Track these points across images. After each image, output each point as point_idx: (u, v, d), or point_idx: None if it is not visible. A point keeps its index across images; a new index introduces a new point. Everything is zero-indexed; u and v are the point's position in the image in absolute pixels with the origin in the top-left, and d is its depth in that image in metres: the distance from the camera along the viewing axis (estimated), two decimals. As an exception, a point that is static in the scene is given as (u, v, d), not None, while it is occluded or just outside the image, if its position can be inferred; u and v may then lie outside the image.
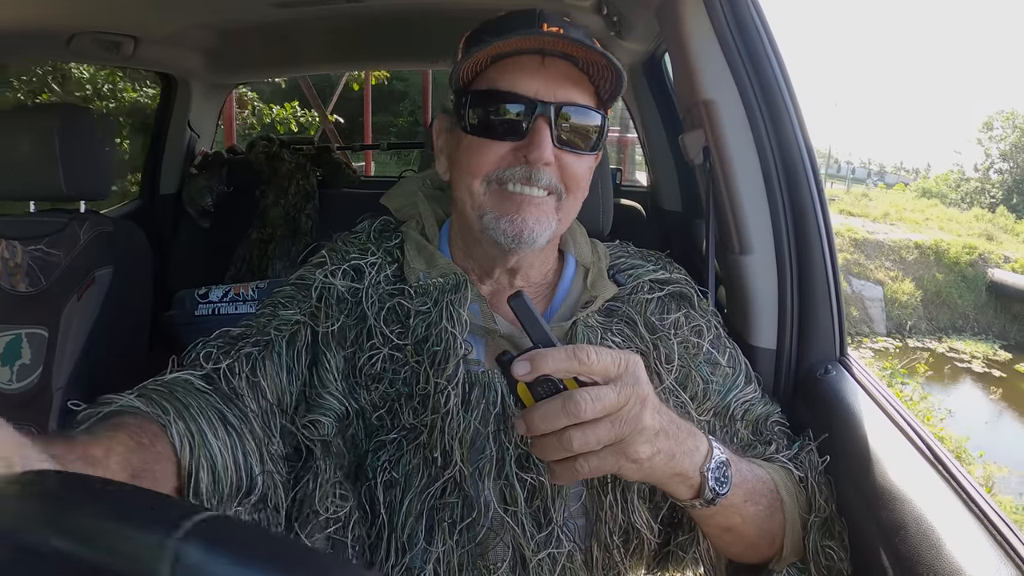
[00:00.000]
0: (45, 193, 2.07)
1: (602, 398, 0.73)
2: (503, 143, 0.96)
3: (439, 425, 0.97)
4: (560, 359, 0.74)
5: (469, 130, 0.98)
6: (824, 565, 0.95)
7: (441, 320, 1.00)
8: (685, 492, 0.86)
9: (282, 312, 1.06)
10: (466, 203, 1.01)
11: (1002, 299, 14.99)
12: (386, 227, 1.17)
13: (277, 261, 2.95)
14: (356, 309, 1.06)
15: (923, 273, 15.33)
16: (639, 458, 0.77)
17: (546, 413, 0.73)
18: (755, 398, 1.12)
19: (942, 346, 13.33)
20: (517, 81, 0.95)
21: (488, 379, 1.00)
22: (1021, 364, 12.17)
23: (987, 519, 0.83)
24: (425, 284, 1.05)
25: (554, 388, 0.75)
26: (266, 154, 3.10)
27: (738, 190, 1.30)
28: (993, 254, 16.28)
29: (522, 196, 0.97)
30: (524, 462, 0.98)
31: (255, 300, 2.40)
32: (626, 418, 0.75)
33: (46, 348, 1.99)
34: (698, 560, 1.06)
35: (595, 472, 0.77)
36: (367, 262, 1.08)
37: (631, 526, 1.03)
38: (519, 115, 0.95)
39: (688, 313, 1.12)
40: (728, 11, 1.25)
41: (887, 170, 52.53)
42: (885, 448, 1.00)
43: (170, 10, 2.18)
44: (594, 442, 0.74)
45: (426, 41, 2.80)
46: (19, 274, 2.02)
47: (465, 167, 0.99)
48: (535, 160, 0.94)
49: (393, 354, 1.02)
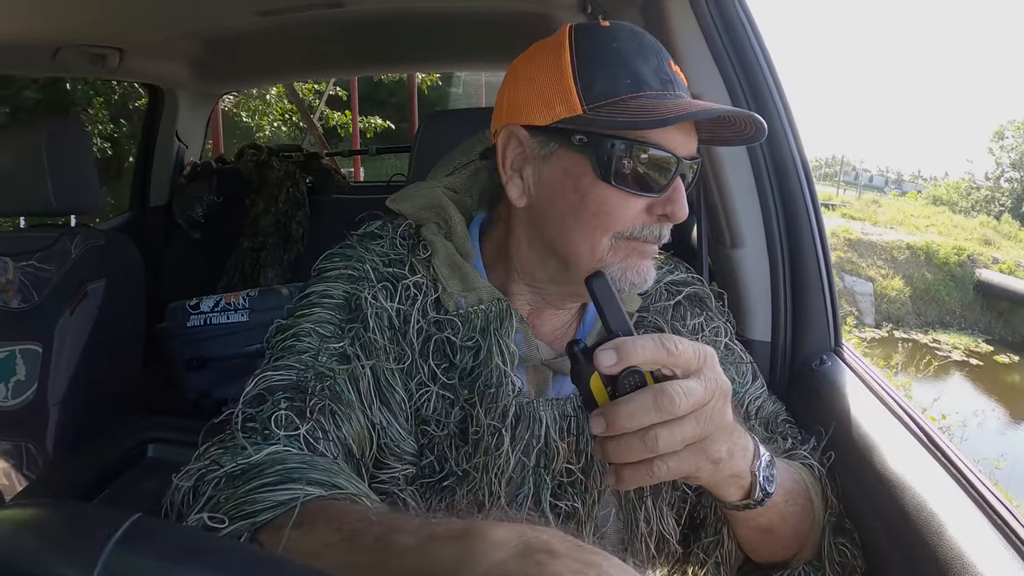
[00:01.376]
0: (34, 208, 2.07)
1: (693, 393, 0.69)
2: (642, 198, 0.87)
3: (490, 466, 0.91)
4: (650, 348, 0.70)
5: (613, 182, 0.85)
6: (838, 562, 0.93)
7: (492, 358, 0.92)
8: (736, 493, 0.82)
9: (330, 345, 0.92)
10: (580, 256, 0.89)
11: (989, 297, 16.15)
12: (409, 232, 1.02)
13: (269, 269, 2.94)
14: (403, 336, 0.94)
15: (913, 272, 16.45)
16: (719, 457, 0.75)
17: (634, 409, 0.69)
18: (764, 395, 1.10)
19: (926, 338, 14.38)
20: (666, 134, 0.86)
21: (533, 410, 0.94)
22: (1000, 356, 13.58)
23: (986, 502, 0.83)
24: (466, 313, 0.95)
25: (639, 382, 0.70)
26: (255, 163, 3.10)
27: (728, 184, 1.30)
28: (983, 255, 17.49)
29: (649, 248, 0.91)
30: (558, 491, 0.94)
31: (246, 309, 2.39)
32: (711, 414, 0.72)
33: (41, 364, 1.98)
34: (719, 564, 1.02)
35: (672, 474, 0.73)
36: (411, 281, 0.96)
37: (661, 535, 1.00)
38: (666, 171, 0.87)
39: (707, 315, 1.09)
40: (713, 7, 1.26)
41: (904, 178, 52.51)
42: (883, 436, 1.01)
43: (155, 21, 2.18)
44: (679, 441, 0.70)
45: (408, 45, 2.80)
46: (11, 290, 2.01)
47: (592, 219, 0.87)
48: (678, 219, 0.88)
49: (442, 393, 0.93)
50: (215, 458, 0.80)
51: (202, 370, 2.36)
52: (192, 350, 2.39)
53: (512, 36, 1.40)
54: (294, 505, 0.70)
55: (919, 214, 22.84)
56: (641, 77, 0.86)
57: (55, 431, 1.97)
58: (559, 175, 0.89)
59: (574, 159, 0.88)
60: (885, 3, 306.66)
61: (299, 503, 0.70)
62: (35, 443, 1.96)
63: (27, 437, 1.96)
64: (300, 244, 2.98)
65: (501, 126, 0.93)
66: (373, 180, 4.54)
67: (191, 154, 3.21)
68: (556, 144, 0.89)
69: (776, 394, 1.16)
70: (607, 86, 0.85)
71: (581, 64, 0.87)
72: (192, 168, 3.15)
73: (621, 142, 0.84)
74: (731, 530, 0.97)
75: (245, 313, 2.39)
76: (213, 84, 3.18)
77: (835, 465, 1.02)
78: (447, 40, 2.78)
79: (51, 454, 1.96)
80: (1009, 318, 15.67)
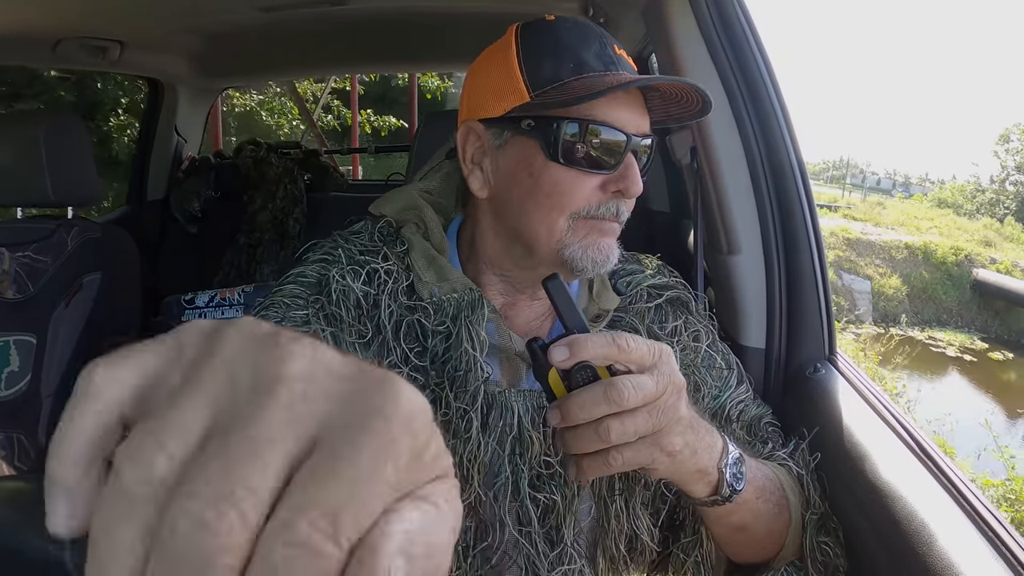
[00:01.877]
0: (32, 200, 2.06)
1: (643, 386, 0.72)
2: (594, 176, 0.90)
3: (459, 450, 0.93)
4: (600, 344, 0.73)
5: (562, 160, 0.89)
6: (820, 561, 0.94)
7: (462, 342, 0.94)
8: (703, 490, 0.85)
9: (294, 313, 0.95)
10: (539, 238, 0.93)
11: (986, 297, 16.24)
12: (387, 230, 1.06)
13: (265, 265, 2.95)
14: (372, 319, 0.97)
15: (911, 271, 16.42)
16: (673, 450, 0.76)
17: (585, 401, 0.72)
18: (748, 399, 1.11)
19: (922, 335, 14.53)
20: (612, 112, 0.89)
21: (505, 399, 0.96)
22: (994, 353, 13.75)
23: (977, 514, 0.83)
24: (439, 300, 0.98)
25: (591, 376, 0.73)
26: (253, 159, 3.10)
27: (726, 190, 1.30)
28: (981, 256, 17.44)
29: (608, 226, 0.93)
30: (537, 482, 0.96)
31: (241, 304, 2.40)
32: (663, 408, 0.74)
33: (35, 355, 1.98)
34: (699, 563, 1.03)
35: (627, 465, 0.76)
36: (382, 267, 0.99)
37: (634, 534, 1.01)
38: (616, 148, 0.90)
39: (687, 319, 1.10)
40: (714, 11, 1.26)
41: (912, 181, 52.70)
42: (875, 445, 1.01)
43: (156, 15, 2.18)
44: (631, 432, 0.73)
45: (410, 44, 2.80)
46: (6, 281, 2.00)
47: (546, 200, 0.91)
48: (633, 194, 0.91)
49: (413, 375, 0.96)
50: None
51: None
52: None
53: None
54: None
55: (923, 216, 23.10)
56: (583, 60, 0.90)
57: (48, 423, 1.96)
58: (514, 162, 0.93)
59: (525, 144, 0.92)
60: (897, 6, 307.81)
61: None
62: (27, 435, 1.96)
63: (19, 428, 1.96)
64: (297, 241, 2.97)
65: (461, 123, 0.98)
66: (369, 179, 4.55)
67: (190, 149, 3.21)
68: (509, 133, 0.93)
69: (769, 401, 1.17)
70: (550, 72, 0.90)
71: (527, 56, 0.91)
72: (190, 163, 3.15)
73: (567, 121, 0.88)
74: (710, 535, 0.99)
75: (240, 308, 2.39)
76: (213, 79, 3.18)
77: (827, 473, 1.02)
78: (449, 40, 2.77)
79: (43, 446, 1.95)
80: (1005, 317, 15.93)
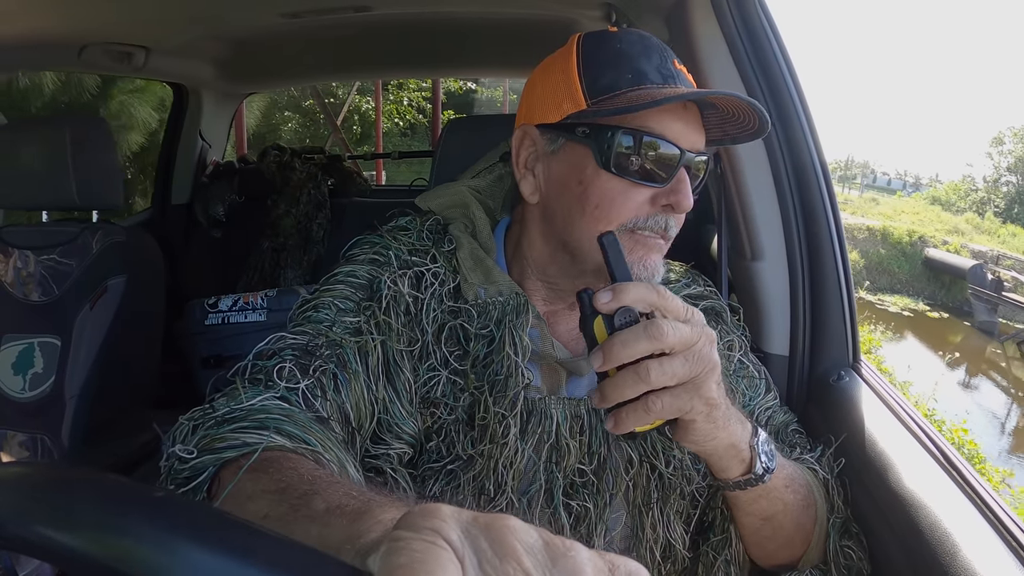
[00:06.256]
0: (57, 203, 2.09)
1: (679, 329, 0.74)
2: (645, 188, 0.89)
3: (495, 455, 0.93)
4: (641, 289, 0.75)
5: (613, 170, 0.89)
6: (844, 565, 0.94)
7: (504, 347, 0.94)
8: (737, 467, 0.86)
9: (345, 318, 0.95)
10: (585, 247, 0.93)
11: (935, 271, 20.66)
12: (436, 227, 1.06)
13: (289, 270, 2.96)
14: (417, 323, 0.97)
15: (869, 248, 20.92)
16: (711, 396, 0.77)
17: (628, 338, 0.73)
18: (775, 406, 1.11)
19: (874, 298, 19.07)
20: (667, 125, 0.89)
21: (544, 407, 0.96)
22: (932, 313, 18.42)
23: (1002, 525, 0.82)
24: (484, 303, 0.98)
25: (633, 319, 0.75)
26: (277, 163, 3.12)
27: (749, 195, 1.29)
28: (934, 238, 22.04)
29: (655, 242, 0.93)
30: (570, 490, 0.96)
31: (264, 308, 2.41)
32: (699, 355, 0.75)
33: (59, 357, 2.00)
34: (728, 562, 1.02)
35: (666, 411, 0.76)
36: (429, 270, 0.99)
37: (668, 543, 1.01)
38: (669, 162, 0.89)
39: (722, 329, 1.10)
40: (737, 16, 1.25)
41: (923, 181, 52.41)
42: (899, 454, 1.00)
43: (181, 21, 2.20)
44: (670, 375, 0.74)
45: (435, 51, 2.81)
46: (32, 283, 2.03)
47: (595, 211, 0.91)
48: (683, 209, 0.90)
49: (453, 379, 0.96)
50: (215, 403, 0.85)
51: (218, 368, 2.37)
52: (209, 348, 2.41)
53: (537, 44, 1.40)
54: (256, 448, 0.74)
55: (909, 210, 26.57)
56: (642, 71, 0.90)
57: (71, 424, 1.99)
58: (566, 169, 0.93)
59: (578, 151, 0.91)
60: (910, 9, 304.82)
61: (260, 448, 0.74)
62: (51, 435, 1.98)
63: (43, 429, 1.98)
64: (320, 246, 3.00)
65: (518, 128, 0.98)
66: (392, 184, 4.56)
67: (214, 153, 3.23)
68: (563, 139, 0.93)
69: (793, 408, 1.16)
70: (610, 81, 0.89)
71: (587, 65, 0.91)
72: (215, 167, 3.17)
73: (621, 131, 0.88)
74: (739, 530, 0.98)
75: (263, 313, 2.41)
76: (238, 84, 3.21)
77: (850, 480, 1.01)
78: (472, 46, 2.78)
79: (66, 447, 1.98)
80: (951, 288, 19.89)
